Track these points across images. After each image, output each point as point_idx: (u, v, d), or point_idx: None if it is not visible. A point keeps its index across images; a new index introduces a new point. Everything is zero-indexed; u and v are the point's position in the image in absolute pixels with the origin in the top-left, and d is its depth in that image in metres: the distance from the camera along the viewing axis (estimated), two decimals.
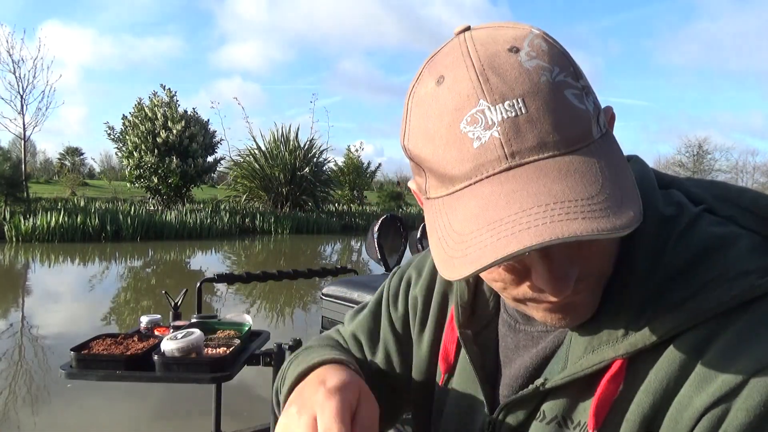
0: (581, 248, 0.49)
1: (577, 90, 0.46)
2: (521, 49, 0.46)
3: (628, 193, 0.44)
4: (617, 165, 0.46)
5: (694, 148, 39.85)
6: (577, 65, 0.48)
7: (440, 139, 0.47)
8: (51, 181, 36.05)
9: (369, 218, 20.23)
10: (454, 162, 0.46)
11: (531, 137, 0.44)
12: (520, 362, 0.61)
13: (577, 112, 0.45)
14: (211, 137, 21.90)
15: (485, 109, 0.44)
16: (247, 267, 10.87)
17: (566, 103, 0.45)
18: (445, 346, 0.69)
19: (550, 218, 0.41)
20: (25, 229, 13.31)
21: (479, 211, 0.44)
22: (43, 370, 4.46)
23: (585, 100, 0.46)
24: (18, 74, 18.99)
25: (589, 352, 0.53)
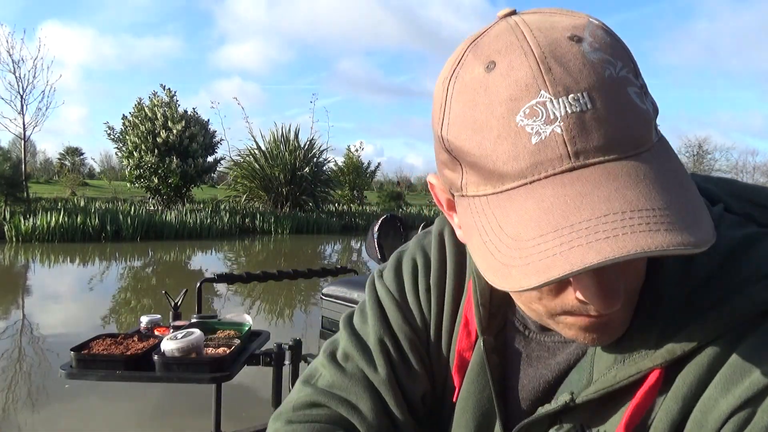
0: (633, 261, 0.46)
1: (638, 88, 0.43)
2: (583, 38, 0.42)
3: (697, 203, 0.41)
4: (679, 171, 0.43)
5: (694, 148, 39.87)
6: (635, 61, 0.44)
7: (490, 131, 0.42)
8: (51, 181, 36.05)
9: (369, 218, 20.22)
10: (507, 158, 0.41)
11: (597, 136, 0.40)
12: (535, 374, 0.58)
13: (639, 112, 0.42)
14: (211, 137, 21.89)
15: (547, 102, 0.40)
16: (247, 267, 10.87)
17: (630, 102, 0.41)
18: (460, 353, 0.62)
19: (630, 228, 0.37)
20: (25, 229, 13.31)
21: (540, 214, 0.40)
22: (43, 370, 4.46)
23: (645, 99, 0.43)
24: (18, 74, 18.99)
25: (619, 362, 0.50)
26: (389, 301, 0.68)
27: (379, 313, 0.67)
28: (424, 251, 0.69)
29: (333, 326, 2.30)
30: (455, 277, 0.65)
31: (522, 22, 0.44)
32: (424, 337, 0.66)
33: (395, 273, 0.69)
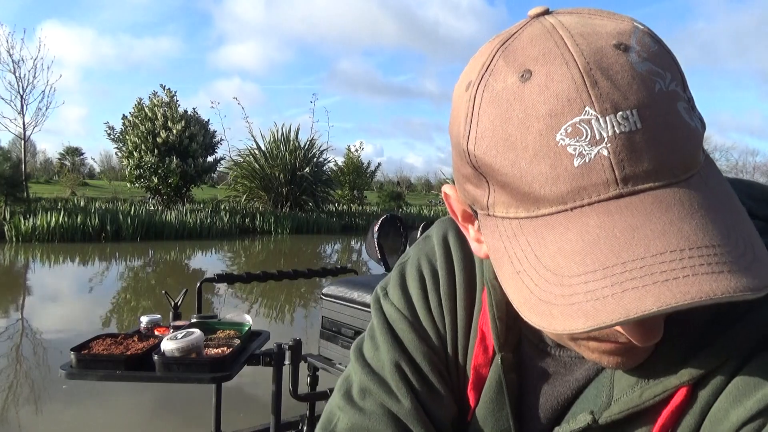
0: None
1: (686, 103, 0.39)
2: (630, 47, 0.38)
3: (752, 232, 0.37)
4: (729, 194, 0.39)
5: None
6: (682, 70, 0.40)
7: (526, 149, 0.38)
8: (51, 181, 36.06)
9: (369, 218, 20.21)
10: (544, 180, 0.37)
11: (647, 160, 0.36)
12: (553, 392, 0.55)
13: (690, 131, 0.38)
14: (211, 137, 21.89)
15: (593, 120, 0.36)
16: (247, 267, 10.86)
17: (680, 120, 0.37)
18: (476, 370, 0.58)
19: (691, 269, 0.33)
20: (25, 229, 13.30)
21: (585, 247, 0.36)
22: (43, 370, 4.46)
23: (693, 115, 0.39)
24: (18, 74, 19.01)
25: (644, 380, 0.47)
26: (400, 322, 0.61)
27: (392, 337, 0.60)
28: (429, 261, 0.63)
29: (333, 326, 2.30)
30: (466, 288, 0.60)
31: (560, 26, 0.40)
32: (442, 356, 0.60)
33: (401, 289, 0.63)
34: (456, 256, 0.62)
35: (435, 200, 34.83)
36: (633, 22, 0.41)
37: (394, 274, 0.65)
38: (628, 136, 0.36)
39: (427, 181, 66.15)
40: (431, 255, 0.63)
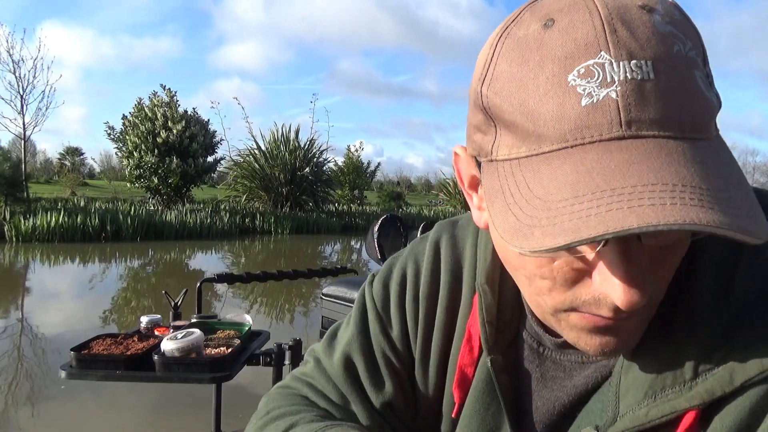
0: (666, 257, 0.42)
1: (704, 76, 0.39)
2: (655, 9, 0.39)
3: (755, 200, 0.37)
4: (737, 169, 0.39)
5: None
6: (705, 48, 0.41)
7: (536, 88, 0.38)
8: (51, 181, 36.06)
9: (369, 218, 20.22)
10: (550, 117, 0.38)
11: (655, 108, 0.36)
12: (550, 396, 0.54)
13: (703, 98, 0.38)
14: (211, 137, 21.89)
15: (606, 63, 0.36)
16: (247, 267, 10.86)
17: (695, 85, 0.38)
18: (461, 369, 0.59)
19: (680, 200, 0.33)
20: (25, 229, 13.30)
21: (578, 176, 0.36)
22: (42, 370, 4.46)
23: (710, 89, 0.40)
24: (18, 74, 19.00)
25: (650, 397, 0.45)
26: (371, 311, 0.66)
27: (360, 322, 0.67)
28: (416, 261, 0.66)
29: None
30: (450, 290, 0.62)
31: None
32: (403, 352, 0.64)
33: (382, 283, 0.67)
34: (444, 259, 0.64)
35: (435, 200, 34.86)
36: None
37: (384, 266, 0.69)
38: (639, 83, 0.36)
39: (427, 181, 66.18)
40: (420, 256, 0.66)
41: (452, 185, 28.52)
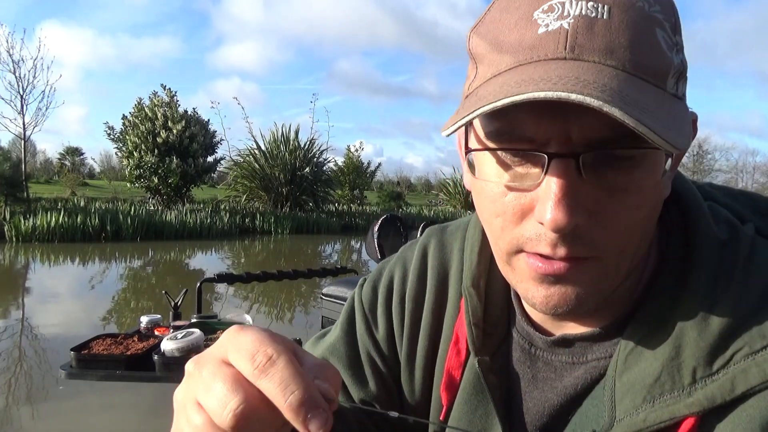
0: (616, 203, 0.43)
1: (669, 38, 0.42)
2: None
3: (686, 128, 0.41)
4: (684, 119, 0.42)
5: (694, 148, 39.87)
6: (679, 21, 0.45)
7: (508, 25, 0.44)
8: (51, 181, 36.06)
9: (369, 218, 20.20)
10: (511, 44, 0.43)
11: (601, 40, 0.40)
12: (541, 397, 0.54)
13: (659, 52, 0.41)
14: (211, 137, 21.89)
15: (567, 2, 0.41)
16: (247, 267, 10.86)
17: (652, 38, 0.41)
18: (449, 372, 0.60)
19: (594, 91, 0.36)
20: (25, 229, 13.30)
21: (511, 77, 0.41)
22: (42, 370, 4.46)
23: (673, 51, 0.43)
24: (18, 74, 19.00)
25: (648, 402, 0.45)
26: (358, 312, 0.68)
27: (347, 323, 0.68)
28: (405, 264, 0.68)
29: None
30: (436, 292, 0.63)
31: None
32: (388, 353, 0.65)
33: (371, 286, 0.69)
34: (431, 263, 0.65)
35: (435, 200, 34.87)
36: None
37: (374, 270, 0.71)
38: (591, 19, 0.40)
39: (427, 181, 66.14)
40: (408, 260, 0.68)
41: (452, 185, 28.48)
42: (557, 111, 0.40)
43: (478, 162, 0.48)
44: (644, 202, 0.44)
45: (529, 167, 0.44)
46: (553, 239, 0.43)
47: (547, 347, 0.55)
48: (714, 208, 0.52)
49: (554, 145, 0.41)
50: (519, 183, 0.44)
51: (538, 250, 0.45)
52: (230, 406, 0.35)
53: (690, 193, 0.53)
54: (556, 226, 0.41)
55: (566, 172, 0.41)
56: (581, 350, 0.52)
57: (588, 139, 0.41)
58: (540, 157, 0.42)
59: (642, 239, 0.47)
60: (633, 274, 0.51)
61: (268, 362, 0.35)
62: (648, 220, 0.46)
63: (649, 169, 0.43)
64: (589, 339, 0.52)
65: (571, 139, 0.41)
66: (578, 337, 0.52)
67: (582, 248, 0.44)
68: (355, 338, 0.66)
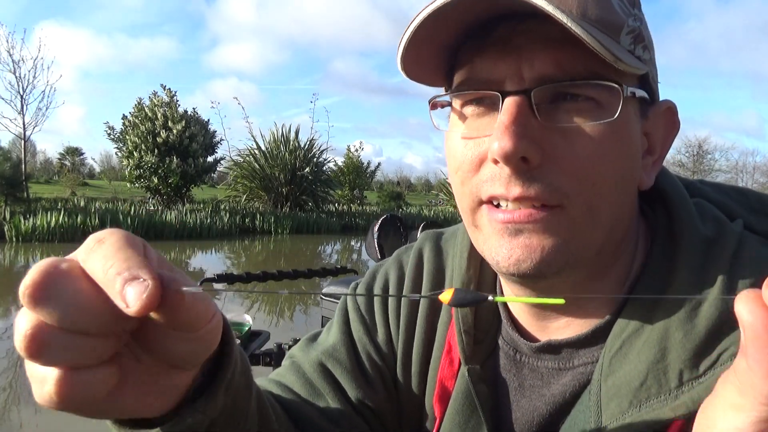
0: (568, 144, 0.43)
1: (626, 7, 0.45)
2: None
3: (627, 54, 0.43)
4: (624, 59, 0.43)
5: (694, 148, 39.87)
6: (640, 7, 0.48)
7: None
8: (51, 181, 36.06)
9: (369, 218, 20.20)
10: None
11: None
12: (529, 406, 0.53)
13: (611, 7, 0.44)
14: (211, 137, 21.89)
15: None
16: (247, 267, 10.86)
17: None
18: (441, 382, 0.58)
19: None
20: (25, 229, 13.30)
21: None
22: None
23: (629, 17, 0.45)
24: (18, 74, 19.01)
25: (635, 407, 0.44)
26: (354, 312, 0.66)
27: (344, 325, 0.66)
28: (401, 266, 0.67)
29: None
30: (430, 300, 0.62)
31: None
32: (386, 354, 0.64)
33: (367, 289, 0.68)
34: (427, 267, 0.64)
35: (435, 200, 34.87)
36: None
37: (367, 274, 0.70)
38: None
39: (426, 181, 66.16)
40: (405, 263, 0.67)
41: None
42: (511, 51, 0.42)
43: (449, 126, 0.50)
44: (604, 151, 0.44)
45: (488, 116, 0.46)
46: (507, 175, 0.44)
47: (532, 353, 0.54)
48: (701, 205, 0.52)
49: (508, 84, 0.43)
50: (477, 132, 0.46)
51: (493, 190, 0.45)
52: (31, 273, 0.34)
53: (675, 192, 0.52)
54: (502, 152, 0.42)
55: (517, 107, 0.43)
56: (567, 356, 0.51)
57: (539, 76, 0.42)
58: (497, 101, 0.43)
59: (615, 201, 0.46)
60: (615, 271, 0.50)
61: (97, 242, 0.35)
62: (618, 179, 0.45)
63: (605, 113, 0.43)
64: (575, 344, 0.51)
65: (524, 78, 0.43)
66: (563, 342, 0.51)
67: (540, 190, 0.44)
68: (354, 341, 0.65)
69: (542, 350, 0.53)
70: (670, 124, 0.47)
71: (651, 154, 0.48)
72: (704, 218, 0.50)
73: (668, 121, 0.47)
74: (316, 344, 0.67)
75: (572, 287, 0.50)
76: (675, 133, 0.48)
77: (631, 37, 0.45)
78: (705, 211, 0.51)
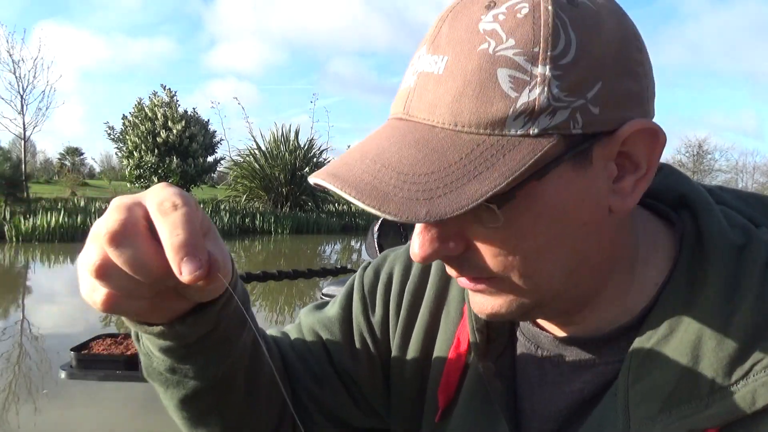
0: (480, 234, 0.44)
1: (522, 74, 0.40)
2: (496, 8, 0.42)
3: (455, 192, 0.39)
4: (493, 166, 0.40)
5: (694, 148, 39.86)
6: (552, 44, 0.40)
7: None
8: (51, 181, 36.04)
9: (369, 218, 20.18)
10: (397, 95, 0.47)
11: (428, 99, 0.42)
12: (548, 401, 0.53)
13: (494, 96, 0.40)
14: (211, 137, 21.90)
15: (420, 56, 0.44)
16: (247, 267, 10.86)
17: (488, 82, 0.40)
18: (447, 375, 0.59)
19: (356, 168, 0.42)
20: (25, 229, 13.30)
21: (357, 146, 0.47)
22: (42, 370, 4.46)
23: (525, 88, 0.40)
24: (18, 74, 19.03)
25: (665, 413, 0.44)
26: (358, 292, 0.68)
27: (345, 300, 0.69)
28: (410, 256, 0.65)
29: None
30: (437, 291, 0.63)
31: None
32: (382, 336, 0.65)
33: (375, 269, 0.69)
34: (435, 262, 0.64)
35: None
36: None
37: (380, 255, 0.72)
38: (428, 75, 0.43)
39: None
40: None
41: None
42: None
43: None
44: (526, 233, 0.43)
45: None
46: (446, 264, 0.48)
47: (554, 347, 0.54)
48: (726, 213, 0.51)
49: None
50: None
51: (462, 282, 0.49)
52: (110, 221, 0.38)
53: (701, 197, 0.51)
54: (417, 259, 0.46)
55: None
56: (590, 352, 0.51)
57: None
58: None
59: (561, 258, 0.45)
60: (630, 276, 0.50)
61: (171, 207, 0.39)
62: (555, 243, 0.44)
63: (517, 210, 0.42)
64: (598, 341, 0.51)
65: None
66: (586, 338, 0.51)
67: (471, 271, 0.46)
68: (351, 317, 0.67)
69: (565, 344, 0.53)
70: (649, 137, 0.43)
71: (634, 172, 0.45)
72: (732, 225, 0.49)
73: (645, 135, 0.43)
74: (318, 312, 0.70)
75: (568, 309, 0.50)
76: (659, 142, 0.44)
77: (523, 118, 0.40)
78: (732, 218, 0.50)
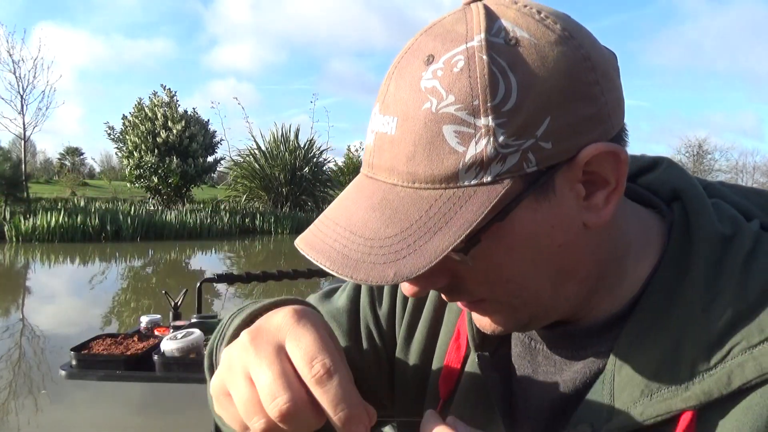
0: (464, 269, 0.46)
1: (467, 128, 0.41)
2: (435, 63, 0.42)
3: (419, 251, 0.41)
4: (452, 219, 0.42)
5: (694, 148, 39.83)
6: (499, 102, 0.41)
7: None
8: (51, 181, 36.05)
9: None
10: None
11: (386, 159, 0.44)
12: (542, 393, 0.54)
13: (443, 152, 0.42)
14: (211, 137, 21.91)
15: (375, 114, 0.46)
16: (247, 267, 10.86)
17: (436, 140, 0.42)
18: (448, 366, 0.60)
19: (329, 237, 0.45)
20: (25, 229, 13.31)
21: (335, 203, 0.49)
22: (42, 370, 4.46)
23: (471, 141, 0.41)
24: (18, 74, 19.03)
25: (646, 396, 0.45)
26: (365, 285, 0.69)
27: (354, 291, 0.70)
28: None
29: None
30: None
31: (427, 29, 0.46)
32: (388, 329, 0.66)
33: None
34: None
35: None
36: (475, 36, 0.42)
37: None
38: (383, 135, 0.45)
39: None
40: None
41: None
42: None
43: None
44: (501, 265, 0.45)
45: None
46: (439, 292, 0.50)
47: (547, 341, 0.55)
48: (718, 205, 0.52)
49: None
50: None
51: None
52: (279, 401, 0.40)
53: (691, 190, 0.53)
54: (407, 294, 0.48)
55: None
56: (581, 344, 0.53)
57: None
58: None
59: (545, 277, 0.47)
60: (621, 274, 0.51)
61: (326, 374, 0.40)
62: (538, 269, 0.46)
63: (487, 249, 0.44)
64: (590, 333, 0.52)
65: None
66: (578, 331, 0.53)
67: (462, 296, 0.49)
68: (359, 308, 0.68)
69: (557, 337, 0.54)
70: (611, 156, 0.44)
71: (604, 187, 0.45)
72: (721, 217, 0.51)
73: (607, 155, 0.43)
74: (327, 301, 0.71)
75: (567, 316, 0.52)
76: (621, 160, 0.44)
77: (474, 169, 0.41)
78: (722, 210, 0.52)
